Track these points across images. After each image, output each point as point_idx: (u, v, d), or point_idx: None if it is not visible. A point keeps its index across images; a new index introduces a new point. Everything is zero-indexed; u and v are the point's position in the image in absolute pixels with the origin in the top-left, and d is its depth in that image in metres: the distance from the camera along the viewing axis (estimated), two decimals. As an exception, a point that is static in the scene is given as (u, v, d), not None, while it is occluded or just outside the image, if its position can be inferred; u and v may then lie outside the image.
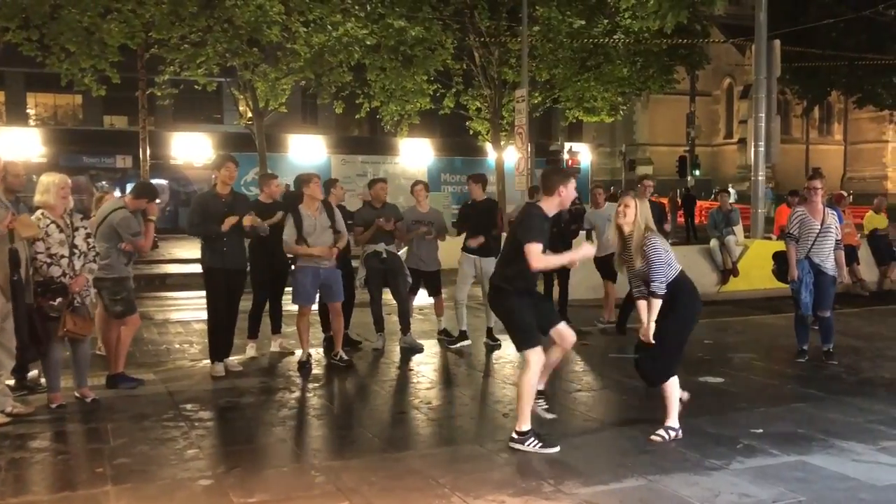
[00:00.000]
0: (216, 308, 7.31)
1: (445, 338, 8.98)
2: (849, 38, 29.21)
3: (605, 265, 9.43)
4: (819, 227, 7.70)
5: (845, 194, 14.07)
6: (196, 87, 21.48)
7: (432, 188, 14.84)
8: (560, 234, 9.93)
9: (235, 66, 21.32)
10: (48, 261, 5.99)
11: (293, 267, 7.79)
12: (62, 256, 6.03)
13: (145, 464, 4.93)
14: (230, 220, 7.09)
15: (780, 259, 8.10)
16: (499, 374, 7.80)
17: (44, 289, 5.93)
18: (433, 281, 9.01)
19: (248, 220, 7.24)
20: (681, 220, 27.40)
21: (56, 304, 5.94)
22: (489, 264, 8.65)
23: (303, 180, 7.74)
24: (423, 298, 9.58)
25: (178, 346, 8.94)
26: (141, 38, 19.88)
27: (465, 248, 8.80)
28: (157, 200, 7.38)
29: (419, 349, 8.48)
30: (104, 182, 25.56)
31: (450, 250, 9.72)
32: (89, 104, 30.83)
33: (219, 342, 7.36)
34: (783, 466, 4.80)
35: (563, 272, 9.97)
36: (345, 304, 8.06)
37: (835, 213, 8.03)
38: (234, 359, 7.64)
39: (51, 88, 26.48)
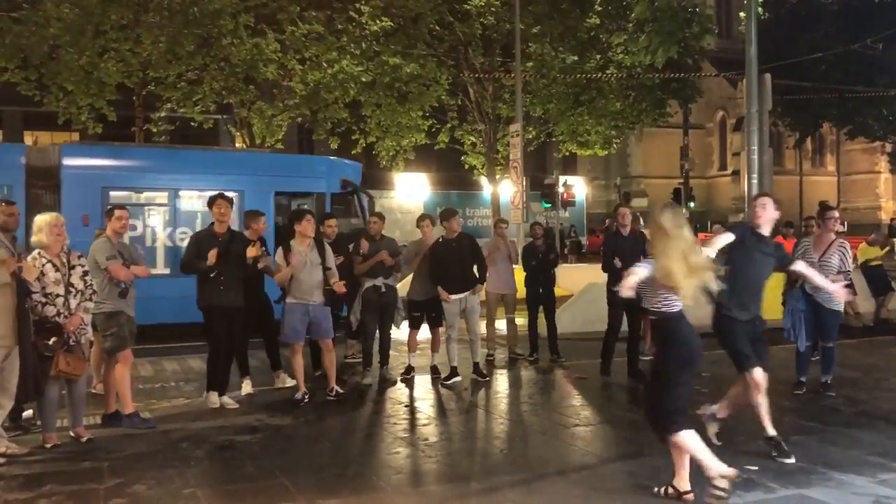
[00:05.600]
0: (217, 342, 7.35)
1: (434, 375, 8.91)
2: (838, 71, 29.57)
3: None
4: (816, 259, 7.69)
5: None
6: (192, 123, 21.62)
7: (429, 222, 14.56)
8: (539, 264, 9.92)
9: (232, 103, 21.48)
10: (43, 300, 5.98)
11: (283, 303, 7.75)
12: (57, 296, 6.03)
13: (141, 503, 4.89)
14: (213, 254, 7.08)
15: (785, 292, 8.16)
16: (496, 409, 7.76)
17: (38, 328, 5.92)
18: (437, 311, 8.87)
19: (252, 252, 7.26)
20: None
21: (51, 343, 5.93)
22: (474, 300, 8.69)
23: (294, 217, 7.88)
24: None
25: (173, 383, 8.90)
26: (138, 76, 20.05)
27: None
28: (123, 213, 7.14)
29: (392, 382, 8.52)
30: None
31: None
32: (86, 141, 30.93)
33: (217, 373, 7.38)
34: (782, 500, 4.78)
35: (550, 306, 9.92)
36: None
37: (844, 245, 7.78)
38: (228, 396, 7.60)
39: (48, 126, 26.51)
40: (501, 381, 9.22)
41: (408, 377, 8.77)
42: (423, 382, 8.64)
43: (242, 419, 7.08)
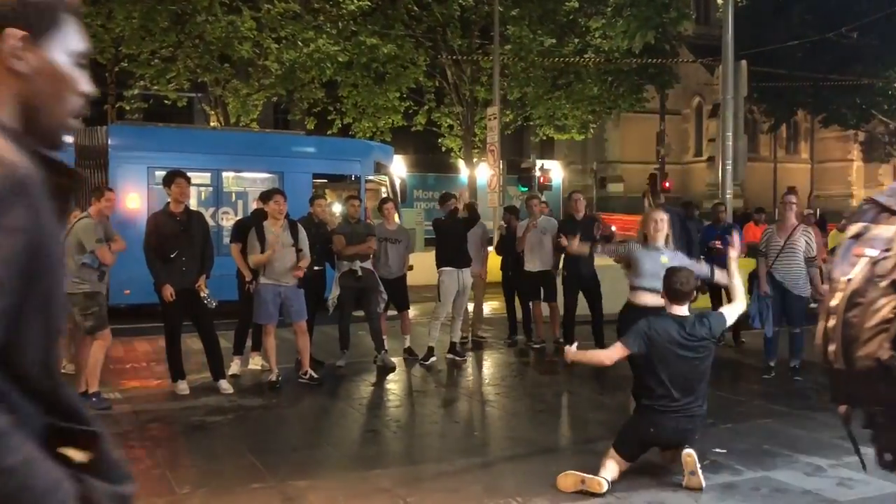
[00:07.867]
0: (177, 327, 7.21)
1: (409, 356, 8.94)
2: (814, 60, 29.73)
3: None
4: (782, 244, 7.80)
5: (805, 213, 14.25)
6: (166, 101, 21.34)
7: (405, 204, 14.74)
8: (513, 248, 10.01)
9: (206, 81, 21.21)
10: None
11: (256, 285, 7.66)
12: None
13: (108, 484, 4.84)
14: (167, 290, 6.93)
15: (752, 278, 8.21)
16: (467, 390, 7.78)
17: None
18: (399, 290, 8.97)
19: (201, 289, 7.18)
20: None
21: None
22: (468, 276, 8.81)
23: (263, 198, 7.91)
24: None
25: (144, 364, 8.83)
26: (110, 52, 19.72)
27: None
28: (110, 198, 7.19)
29: (392, 368, 8.41)
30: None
31: (423, 266, 9.76)
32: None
33: (177, 361, 7.27)
34: (748, 483, 4.84)
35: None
36: (308, 322, 7.99)
37: (809, 232, 7.98)
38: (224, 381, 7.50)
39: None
40: (471, 361, 9.24)
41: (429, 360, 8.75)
42: (396, 364, 8.63)
43: (214, 400, 7.04)
